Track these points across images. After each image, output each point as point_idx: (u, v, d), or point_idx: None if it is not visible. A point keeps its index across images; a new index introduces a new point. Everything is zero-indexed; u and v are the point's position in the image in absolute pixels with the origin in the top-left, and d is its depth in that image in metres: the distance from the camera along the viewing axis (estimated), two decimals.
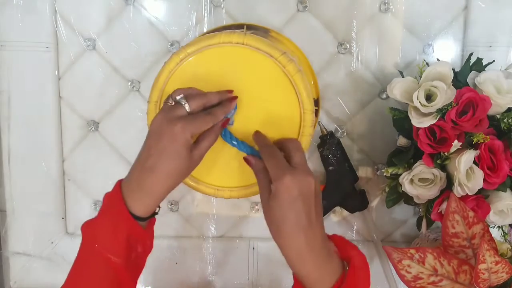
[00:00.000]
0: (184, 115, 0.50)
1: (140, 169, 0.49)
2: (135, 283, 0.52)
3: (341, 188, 0.71)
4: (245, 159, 0.54)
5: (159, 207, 0.53)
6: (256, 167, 0.52)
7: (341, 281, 0.46)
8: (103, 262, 0.48)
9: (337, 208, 0.76)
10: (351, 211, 0.73)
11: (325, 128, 0.71)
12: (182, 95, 0.51)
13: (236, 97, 0.55)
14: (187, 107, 0.50)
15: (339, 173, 0.70)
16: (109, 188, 0.52)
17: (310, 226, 0.46)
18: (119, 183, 0.51)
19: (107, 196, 0.51)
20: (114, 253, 0.48)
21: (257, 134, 0.55)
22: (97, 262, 0.48)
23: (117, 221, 0.49)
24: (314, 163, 0.75)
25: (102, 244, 0.48)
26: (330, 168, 0.70)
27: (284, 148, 0.51)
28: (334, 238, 0.51)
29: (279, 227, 0.47)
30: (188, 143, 0.49)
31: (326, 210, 0.73)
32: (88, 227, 0.50)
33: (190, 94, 0.52)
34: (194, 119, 0.50)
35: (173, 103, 0.51)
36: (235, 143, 0.55)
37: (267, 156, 0.50)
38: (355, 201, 0.72)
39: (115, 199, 0.50)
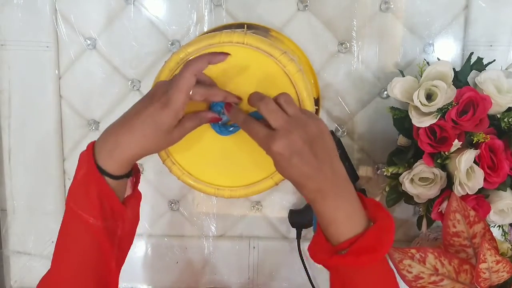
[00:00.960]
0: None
1: (121, 125, 0.50)
2: (120, 258, 0.52)
3: None
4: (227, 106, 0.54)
5: (141, 168, 0.53)
6: (255, 137, 0.51)
7: (358, 238, 0.46)
8: (83, 227, 0.48)
9: None
10: None
11: None
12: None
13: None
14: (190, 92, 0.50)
15: None
16: None
17: (316, 169, 0.47)
18: (93, 143, 0.51)
19: (81, 155, 0.51)
20: (88, 212, 0.48)
21: (253, 94, 0.53)
22: (77, 227, 0.48)
23: (87, 177, 0.48)
24: None
25: (76, 202, 0.48)
26: None
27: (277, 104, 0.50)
28: (365, 200, 0.51)
29: (292, 181, 0.49)
30: (178, 115, 0.49)
31: None
32: (69, 191, 0.50)
33: (202, 81, 0.52)
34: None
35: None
36: (232, 129, 0.55)
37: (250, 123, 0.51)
38: None
39: (86, 156, 0.50)
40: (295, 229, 0.75)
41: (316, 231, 0.51)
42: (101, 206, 0.48)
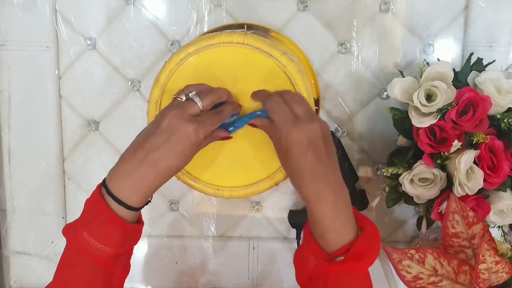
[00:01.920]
0: (196, 114, 0.50)
1: (141, 161, 0.48)
2: (126, 275, 0.52)
3: None
4: (251, 124, 0.55)
5: (151, 196, 0.52)
6: (264, 127, 0.53)
7: (352, 244, 0.47)
8: (90, 263, 0.48)
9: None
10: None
11: None
12: (195, 92, 0.51)
13: (240, 106, 0.56)
14: (200, 104, 0.50)
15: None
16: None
17: (325, 170, 0.48)
18: (99, 187, 0.50)
19: (91, 204, 0.50)
20: (109, 245, 0.48)
21: (257, 91, 0.55)
22: (85, 263, 0.48)
23: (106, 224, 0.48)
24: None
25: (97, 239, 0.48)
26: None
27: (286, 101, 0.51)
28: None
29: (297, 176, 0.49)
30: (198, 143, 0.49)
31: None
32: (75, 231, 0.49)
33: (202, 90, 0.52)
34: (206, 119, 0.50)
35: (184, 99, 0.51)
36: (231, 129, 0.55)
37: (273, 110, 0.50)
38: (355, 201, 0.72)
39: (99, 205, 0.48)
40: (295, 229, 0.75)
41: (306, 239, 0.50)
42: (123, 240, 0.49)
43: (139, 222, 0.52)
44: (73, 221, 0.50)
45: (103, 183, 0.50)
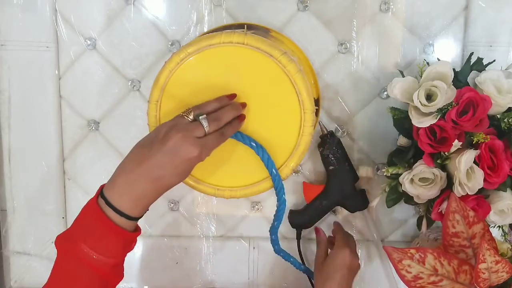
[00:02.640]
0: (201, 136, 0.51)
1: (143, 176, 0.49)
2: (120, 280, 0.53)
3: (341, 188, 0.71)
4: (316, 230, 0.74)
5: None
6: (321, 238, 0.72)
7: None
8: (89, 272, 0.48)
9: (338, 208, 0.76)
10: (351, 210, 0.73)
11: (325, 128, 0.71)
12: (205, 116, 0.51)
13: (244, 117, 0.56)
14: (207, 130, 0.51)
15: (340, 172, 0.70)
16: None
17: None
18: (95, 200, 0.50)
19: (88, 215, 0.50)
20: (108, 255, 0.49)
21: (337, 224, 0.74)
22: (82, 273, 0.48)
23: (106, 234, 0.49)
24: (314, 162, 0.75)
25: (96, 250, 0.48)
26: (331, 167, 0.70)
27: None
28: None
29: (327, 279, 0.64)
30: (199, 163, 0.51)
31: (327, 209, 0.73)
32: (72, 243, 0.49)
33: (211, 115, 0.52)
34: (209, 143, 0.51)
35: (191, 118, 0.51)
36: (254, 144, 0.56)
37: (341, 236, 0.70)
38: (356, 201, 0.72)
39: (98, 216, 0.49)
40: (295, 229, 0.75)
41: None
42: (123, 249, 0.50)
43: (137, 230, 0.53)
44: (65, 231, 0.50)
45: (101, 195, 0.50)
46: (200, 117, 0.51)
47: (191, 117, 0.51)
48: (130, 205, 0.49)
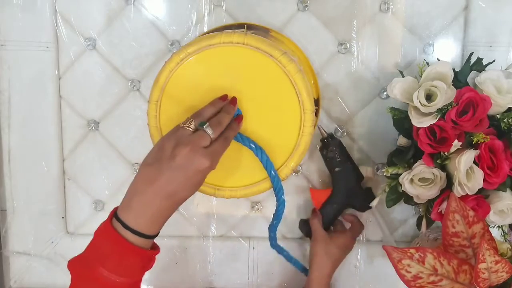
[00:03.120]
0: (207, 145, 0.51)
1: (157, 194, 0.49)
2: None
3: (348, 189, 0.71)
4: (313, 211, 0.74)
5: None
6: (317, 214, 0.73)
7: None
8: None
9: (349, 209, 0.76)
10: (361, 209, 0.73)
11: (324, 130, 0.70)
12: (207, 124, 0.51)
13: (241, 118, 0.57)
14: (212, 137, 0.51)
15: (345, 173, 0.70)
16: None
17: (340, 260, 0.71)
18: (109, 222, 0.50)
19: (101, 238, 0.50)
20: (126, 276, 0.49)
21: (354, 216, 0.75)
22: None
23: (125, 257, 0.49)
24: (314, 163, 0.75)
25: (116, 272, 0.48)
26: (336, 169, 0.70)
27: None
28: None
29: (336, 260, 0.71)
30: (209, 173, 0.52)
31: (337, 213, 0.72)
32: (89, 267, 0.49)
33: (212, 121, 0.52)
34: (217, 150, 0.51)
35: (193, 127, 0.51)
36: (253, 145, 0.56)
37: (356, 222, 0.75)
38: (363, 200, 0.71)
39: (115, 238, 0.49)
40: (301, 231, 0.75)
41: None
42: (142, 268, 0.51)
43: (154, 248, 0.53)
44: (80, 255, 0.50)
45: (116, 217, 0.50)
46: (204, 126, 0.51)
47: (192, 127, 0.51)
48: (147, 225, 0.49)
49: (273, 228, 0.65)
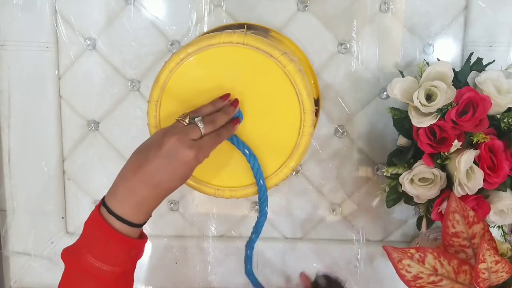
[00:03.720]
0: (197, 138, 0.51)
1: (142, 182, 0.49)
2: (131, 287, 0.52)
3: None
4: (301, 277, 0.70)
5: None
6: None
7: None
8: (96, 283, 0.48)
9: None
10: None
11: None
12: (200, 118, 0.51)
13: (238, 120, 0.56)
14: (203, 131, 0.51)
15: None
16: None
17: None
18: (98, 210, 0.50)
19: (91, 224, 0.50)
20: (114, 264, 0.48)
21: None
22: (89, 284, 0.48)
23: (111, 244, 0.48)
24: (314, 164, 0.75)
25: (102, 260, 0.48)
26: None
27: None
28: None
29: None
30: (198, 165, 0.51)
31: None
32: (78, 255, 0.49)
33: (207, 118, 0.52)
34: (205, 144, 0.51)
35: (187, 122, 0.51)
36: (247, 152, 0.56)
37: None
38: None
39: (102, 225, 0.49)
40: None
41: None
42: (129, 257, 0.50)
43: (142, 237, 0.53)
44: (72, 244, 0.50)
45: (103, 204, 0.50)
46: (196, 119, 0.51)
47: (187, 120, 0.52)
48: (132, 212, 0.49)
49: (251, 244, 0.62)
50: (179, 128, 0.51)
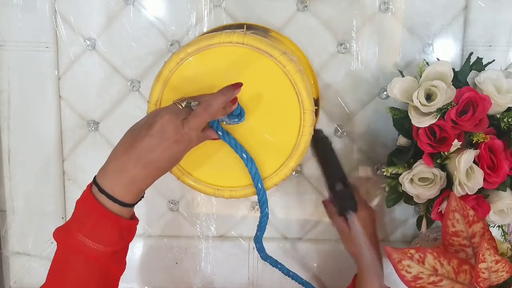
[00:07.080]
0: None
1: (132, 161, 0.48)
2: (122, 271, 0.52)
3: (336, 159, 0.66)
4: (324, 203, 0.70)
5: (144, 193, 0.53)
6: (331, 208, 0.68)
7: None
8: (87, 262, 0.48)
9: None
10: (340, 212, 0.67)
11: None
12: (197, 102, 0.51)
13: (236, 99, 0.54)
14: None
15: (327, 173, 0.67)
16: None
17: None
18: (89, 189, 0.50)
19: (83, 203, 0.50)
20: (105, 243, 0.48)
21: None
22: (80, 263, 0.48)
23: (102, 222, 0.48)
24: (314, 164, 0.75)
25: (92, 239, 0.48)
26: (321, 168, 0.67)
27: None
28: None
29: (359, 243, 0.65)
30: (189, 144, 0.50)
31: (347, 190, 0.66)
32: (68, 233, 0.49)
33: (202, 102, 0.51)
34: (194, 117, 0.50)
35: (183, 106, 0.51)
36: (220, 133, 0.55)
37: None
38: (340, 201, 0.66)
39: (93, 204, 0.49)
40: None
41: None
42: (120, 237, 0.49)
43: (133, 218, 0.52)
44: (64, 224, 0.50)
45: (94, 182, 0.50)
46: (192, 103, 0.51)
47: (183, 104, 0.51)
48: (122, 191, 0.49)
49: (258, 239, 0.64)
50: (172, 109, 0.50)
